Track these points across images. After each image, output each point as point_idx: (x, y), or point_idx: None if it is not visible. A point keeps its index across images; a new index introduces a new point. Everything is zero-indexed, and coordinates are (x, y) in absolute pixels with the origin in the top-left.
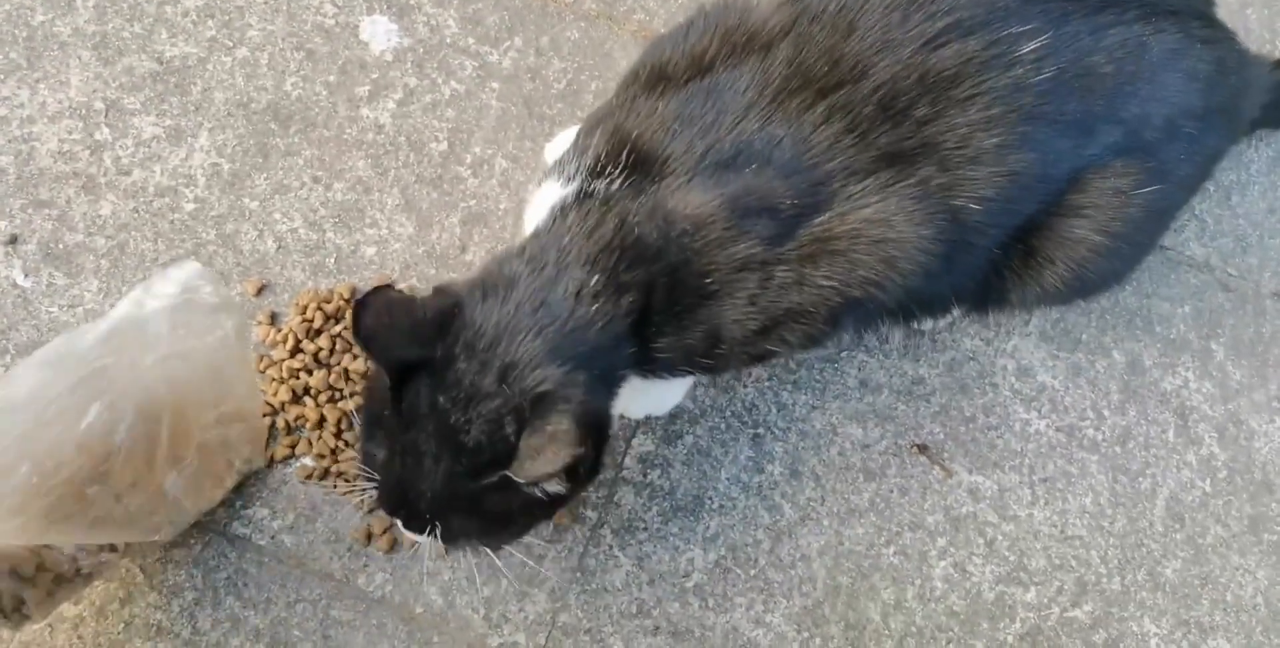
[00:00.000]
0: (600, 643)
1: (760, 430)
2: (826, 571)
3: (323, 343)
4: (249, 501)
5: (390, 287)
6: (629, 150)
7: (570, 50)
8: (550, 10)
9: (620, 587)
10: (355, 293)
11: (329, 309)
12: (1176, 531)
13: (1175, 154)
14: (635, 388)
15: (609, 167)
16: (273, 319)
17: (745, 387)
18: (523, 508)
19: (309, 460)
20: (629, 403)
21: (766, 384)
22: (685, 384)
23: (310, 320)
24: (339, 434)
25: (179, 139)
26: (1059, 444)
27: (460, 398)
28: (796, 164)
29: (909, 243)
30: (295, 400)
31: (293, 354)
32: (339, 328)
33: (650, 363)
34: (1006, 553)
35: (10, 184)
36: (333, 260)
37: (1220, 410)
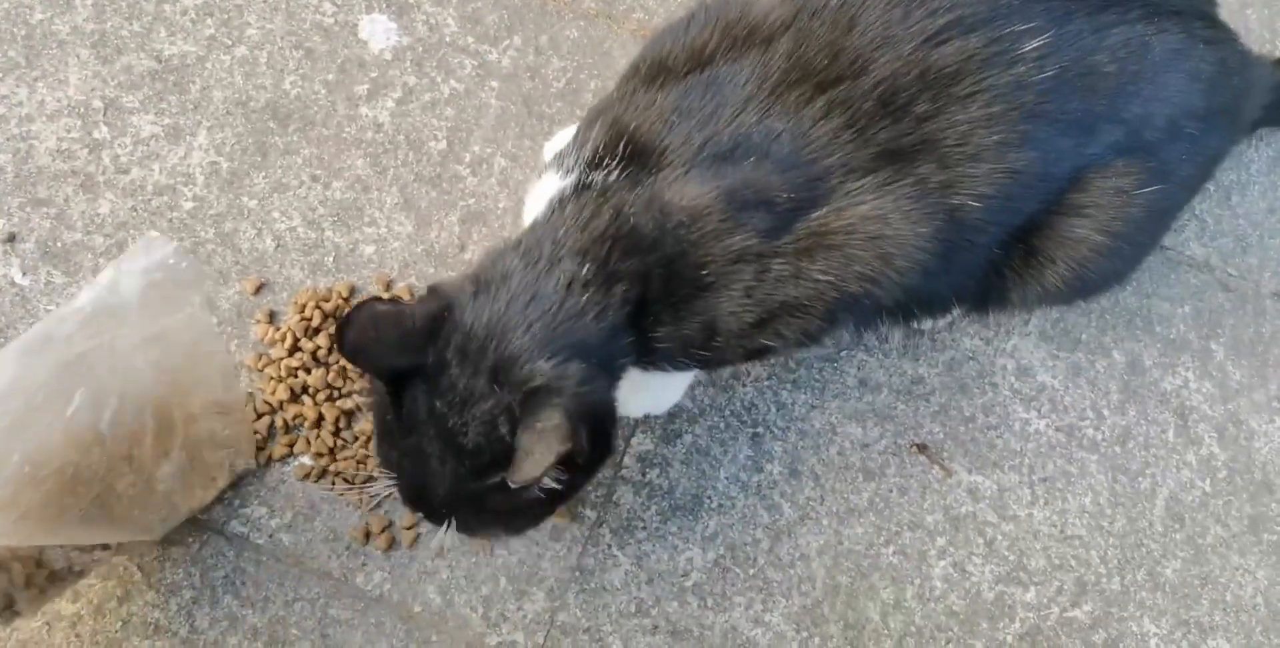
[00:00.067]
0: (599, 642)
1: (759, 430)
2: (826, 570)
3: (321, 341)
4: (247, 499)
5: (377, 299)
6: (626, 142)
7: (569, 49)
8: (549, 9)
9: (619, 586)
10: (354, 292)
11: (327, 308)
12: (1176, 531)
13: (1177, 154)
14: (635, 385)
15: (606, 158)
16: (271, 318)
17: (744, 386)
18: (532, 502)
19: (307, 459)
20: (628, 401)
21: (766, 383)
22: (684, 383)
23: (309, 319)
24: (337, 433)
25: (177, 138)
26: (1059, 444)
27: (455, 402)
28: (794, 158)
29: (905, 240)
30: (293, 399)
31: (291, 353)
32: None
33: (650, 354)
34: (1006, 553)
35: (8, 182)
36: (331, 259)
37: (1220, 410)
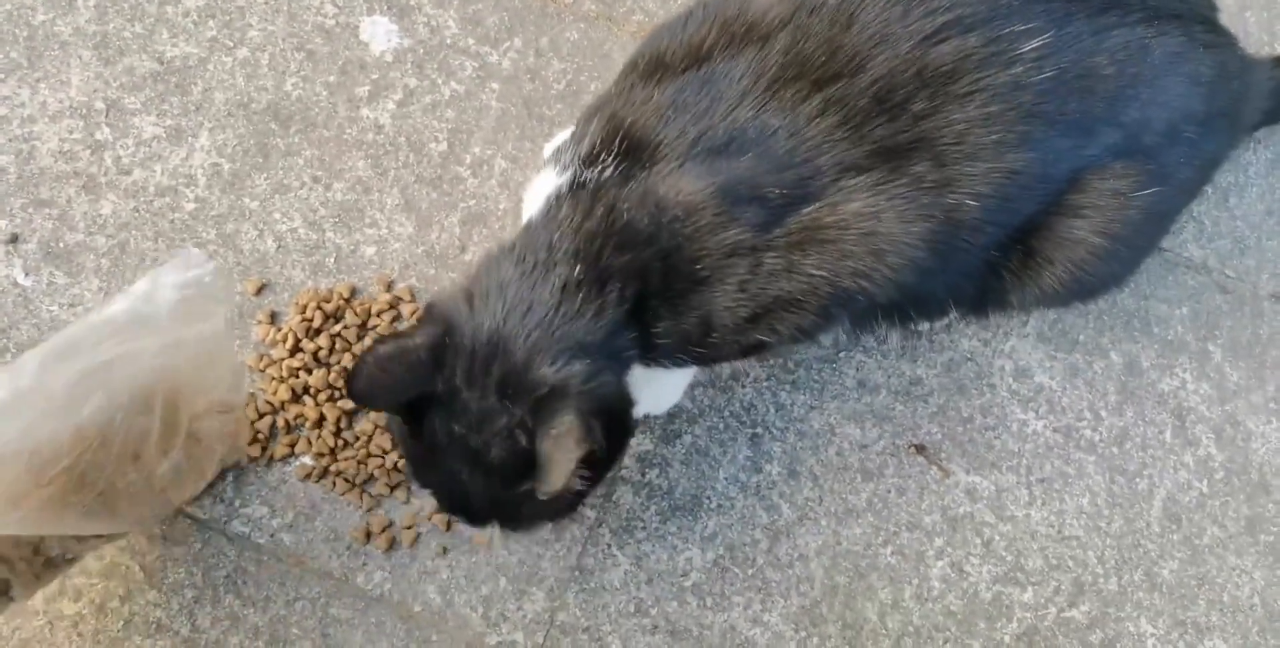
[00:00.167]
0: (598, 642)
1: (758, 430)
2: (824, 570)
3: (322, 342)
4: (248, 499)
5: (381, 340)
6: (622, 137)
7: (570, 51)
8: (550, 11)
9: (618, 586)
10: (355, 292)
11: (328, 308)
12: (1173, 531)
13: (1175, 158)
14: (634, 385)
15: (603, 154)
16: (272, 318)
17: (743, 387)
18: (565, 497)
19: (308, 459)
20: None
21: (765, 384)
22: (683, 383)
23: (310, 320)
24: (338, 433)
25: (179, 139)
26: (1056, 445)
27: (472, 423)
28: (789, 154)
29: (898, 237)
30: (295, 399)
31: (292, 353)
32: (338, 327)
33: (652, 350)
34: (1004, 553)
35: (11, 183)
36: (332, 260)
37: (1217, 412)
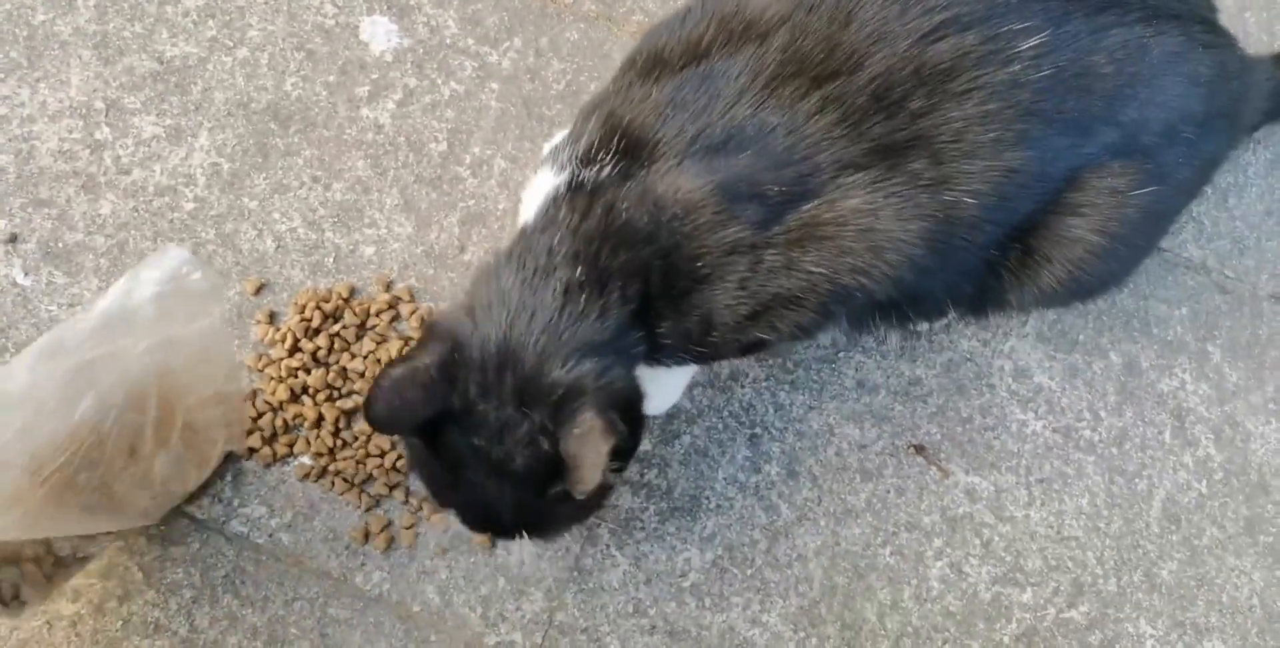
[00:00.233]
0: (597, 642)
1: (757, 431)
2: (823, 571)
3: (321, 342)
4: (247, 499)
5: (390, 365)
6: (620, 136)
7: (569, 51)
8: (550, 11)
9: (617, 586)
10: (354, 292)
11: (327, 308)
12: (1172, 532)
13: (1174, 158)
14: None
15: (601, 153)
16: (271, 318)
17: (743, 387)
18: (594, 493)
19: (307, 459)
20: None
21: (764, 385)
22: (682, 383)
23: (309, 320)
24: (337, 433)
25: (179, 139)
26: (1055, 445)
27: (493, 435)
28: (788, 152)
29: (895, 234)
30: (293, 399)
31: (291, 353)
32: (337, 327)
33: (657, 350)
34: (1003, 554)
35: (10, 183)
36: (331, 260)
37: (1217, 412)
